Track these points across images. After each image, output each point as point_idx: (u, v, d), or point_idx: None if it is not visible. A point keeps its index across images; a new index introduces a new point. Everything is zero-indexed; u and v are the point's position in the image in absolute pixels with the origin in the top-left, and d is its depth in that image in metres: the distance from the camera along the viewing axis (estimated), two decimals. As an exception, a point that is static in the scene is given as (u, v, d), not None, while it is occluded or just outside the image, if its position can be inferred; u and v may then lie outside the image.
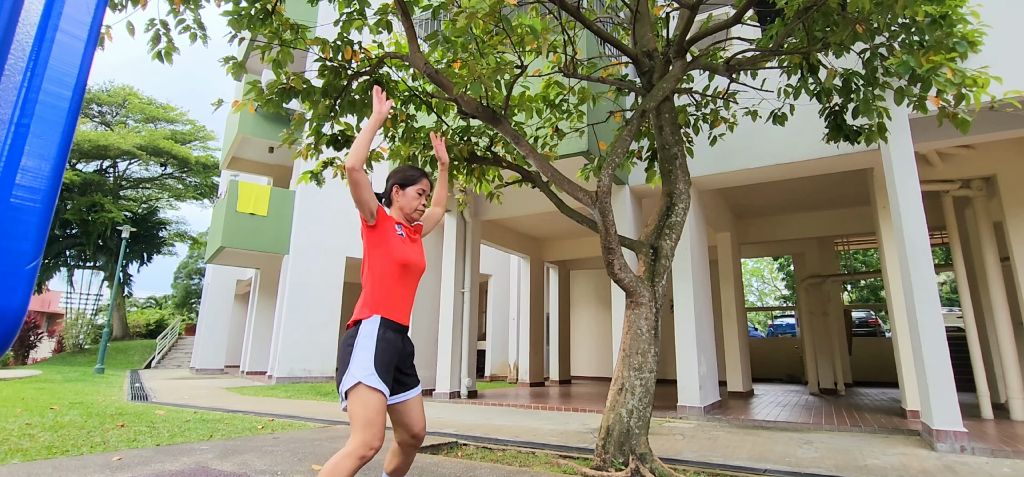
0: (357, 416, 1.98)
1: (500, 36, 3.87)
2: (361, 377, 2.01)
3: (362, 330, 2.10)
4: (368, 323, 2.12)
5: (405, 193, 2.38)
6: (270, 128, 14.26)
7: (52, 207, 0.85)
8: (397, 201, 2.39)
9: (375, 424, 1.97)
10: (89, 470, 3.29)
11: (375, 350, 2.06)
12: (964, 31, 3.27)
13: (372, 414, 1.98)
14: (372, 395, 2.00)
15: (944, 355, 4.40)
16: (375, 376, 2.02)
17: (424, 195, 2.41)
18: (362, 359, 2.04)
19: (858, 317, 16.05)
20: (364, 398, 1.99)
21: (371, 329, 2.10)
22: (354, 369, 2.03)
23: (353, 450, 1.94)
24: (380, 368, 2.04)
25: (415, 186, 2.39)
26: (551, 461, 3.86)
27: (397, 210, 2.38)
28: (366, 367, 2.02)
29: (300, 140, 4.44)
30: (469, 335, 8.98)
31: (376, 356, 2.05)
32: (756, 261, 31.81)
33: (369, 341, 2.07)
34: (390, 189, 2.41)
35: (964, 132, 3.37)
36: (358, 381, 2.01)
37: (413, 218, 2.40)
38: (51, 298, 35.30)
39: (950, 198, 6.66)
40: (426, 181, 2.42)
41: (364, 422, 1.96)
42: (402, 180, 2.40)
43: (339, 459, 1.93)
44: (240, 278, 18.38)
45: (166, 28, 4.00)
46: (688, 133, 5.03)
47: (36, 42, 0.85)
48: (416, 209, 2.38)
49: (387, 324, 2.13)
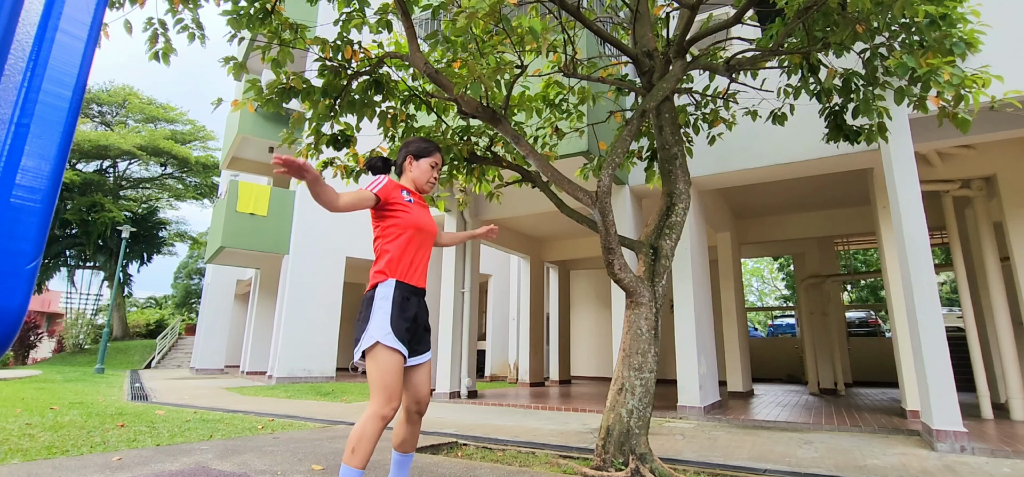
0: (374, 378, 2.05)
1: (500, 36, 3.87)
2: (379, 337, 2.07)
3: (378, 293, 2.15)
4: (384, 286, 2.16)
5: (419, 164, 2.41)
6: (270, 128, 14.26)
7: (52, 207, 0.85)
8: (410, 171, 2.41)
9: (391, 386, 2.05)
10: (89, 470, 3.29)
11: (391, 312, 2.11)
12: (963, 31, 3.27)
13: (388, 375, 2.05)
14: (390, 355, 2.07)
15: (944, 355, 4.40)
16: (392, 336, 2.08)
17: (436, 168, 2.45)
18: (380, 320, 2.09)
19: (858, 317, 16.05)
20: (382, 359, 2.06)
21: (387, 291, 2.15)
22: (372, 329, 2.09)
23: (375, 412, 2.02)
24: (397, 329, 2.09)
25: (429, 158, 2.42)
26: (551, 461, 3.86)
27: (408, 179, 2.41)
28: (383, 327, 2.08)
29: (299, 140, 4.44)
30: (469, 335, 8.98)
31: (393, 317, 2.10)
32: (756, 261, 31.81)
33: (385, 303, 2.12)
34: (403, 159, 2.44)
35: (964, 132, 3.37)
36: (376, 341, 2.06)
37: (424, 190, 2.43)
38: (51, 298, 35.30)
39: (950, 198, 6.66)
40: (439, 155, 2.46)
41: (382, 384, 2.04)
42: (417, 151, 2.43)
43: (363, 424, 2.01)
44: (240, 278, 18.38)
45: (164, 28, 3.99)
46: (688, 133, 5.03)
47: (36, 42, 0.85)
48: (428, 181, 2.42)
49: (403, 287, 2.18)
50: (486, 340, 14.69)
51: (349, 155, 4.52)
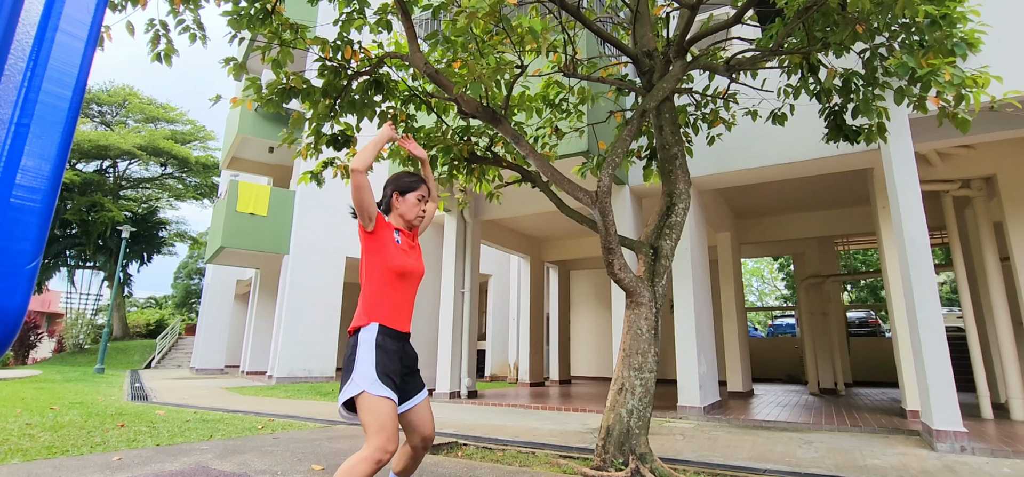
0: (369, 423, 1.98)
1: (500, 36, 3.87)
2: (365, 386, 2.01)
3: (361, 339, 2.10)
4: (366, 331, 2.11)
5: (405, 200, 2.37)
6: (270, 128, 14.26)
7: (52, 207, 0.85)
8: (397, 208, 2.37)
9: (388, 428, 1.97)
10: (89, 470, 3.29)
11: (375, 358, 2.05)
12: (963, 31, 3.27)
13: (384, 419, 1.98)
14: (380, 402, 2.00)
15: (944, 355, 4.40)
16: (379, 384, 2.02)
17: (423, 201, 2.41)
18: (364, 368, 2.04)
19: (858, 317, 16.05)
20: (372, 405, 1.99)
21: (369, 337, 2.10)
22: (357, 378, 2.03)
23: (369, 455, 1.94)
24: (383, 375, 2.04)
25: (414, 192, 2.38)
26: (551, 461, 3.86)
27: (397, 217, 2.37)
28: (368, 375, 2.02)
29: (299, 139, 4.44)
30: (469, 335, 8.98)
31: (377, 363, 2.05)
32: (756, 261, 31.81)
33: (368, 349, 2.07)
34: (389, 196, 2.40)
35: (964, 132, 3.37)
36: (362, 390, 2.01)
37: (414, 224, 2.39)
38: (51, 298, 35.30)
39: (950, 198, 6.66)
40: (424, 187, 2.42)
41: (377, 427, 1.97)
42: (401, 188, 2.39)
43: (355, 462, 1.93)
44: (240, 278, 18.37)
45: (165, 29, 3.99)
46: (688, 133, 5.03)
47: (36, 42, 0.85)
48: (417, 215, 2.38)
49: (385, 331, 2.13)
50: (486, 340, 14.68)
51: (349, 155, 4.52)
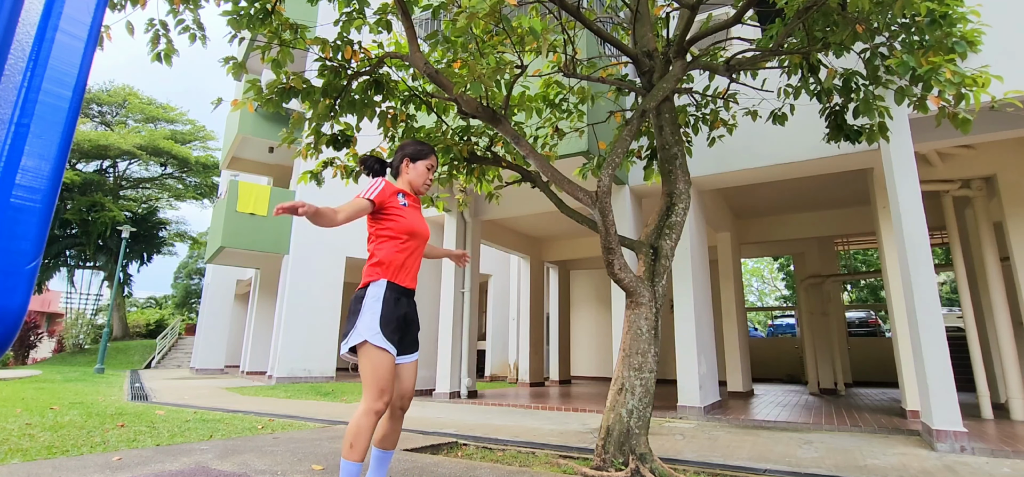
0: (366, 374, 2.13)
1: (500, 36, 3.87)
2: (367, 336, 2.14)
3: (369, 292, 2.22)
4: (375, 286, 2.23)
5: (415, 166, 2.47)
6: (270, 128, 14.26)
7: (52, 207, 0.85)
8: (406, 174, 2.48)
9: (384, 380, 2.14)
10: (89, 470, 3.29)
11: (380, 312, 2.18)
12: (963, 31, 3.27)
13: (380, 371, 2.14)
14: (379, 353, 2.14)
15: (944, 355, 4.40)
16: (380, 335, 2.15)
17: (432, 170, 2.52)
18: (368, 320, 2.17)
19: (858, 317, 16.04)
20: (371, 356, 2.14)
21: (378, 292, 2.22)
22: (360, 328, 2.16)
23: (367, 407, 2.12)
24: (386, 328, 2.17)
25: (425, 161, 2.49)
26: (551, 461, 3.86)
27: (405, 182, 2.48)
28: (372, 327, 2.15)
29: (299, 139, 4.44)
30: (469, 335, 8.98)
31: (382, 317, 2.18)
32: (756, 261, 31.80)
33: (376, 303, 2.19)
34: (400, 161, 2.50)
35: (965, 132, 3.37)
36: (364, 340, 2.14)
37: (420, 191, 2.50)
38: (51, 298, 35.29)
39: (950, 198, 6.66)
40: (434, 157, 2.53)
41: (373, 379, 2.12)
42: (413, 153, 2.49)
43: (358, 419, 2.11)
44: (240, 278, 18.37)
45: (165, 29, 4.00)
46: (688, 133, 5.03)
47: (36, 42, 0.85)
48: (425, 183, 2.49)
49: (394, 287, 2.25)
50: (486, 340, 14.68)
51: (349, 155, 4.52)
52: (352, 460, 2.10)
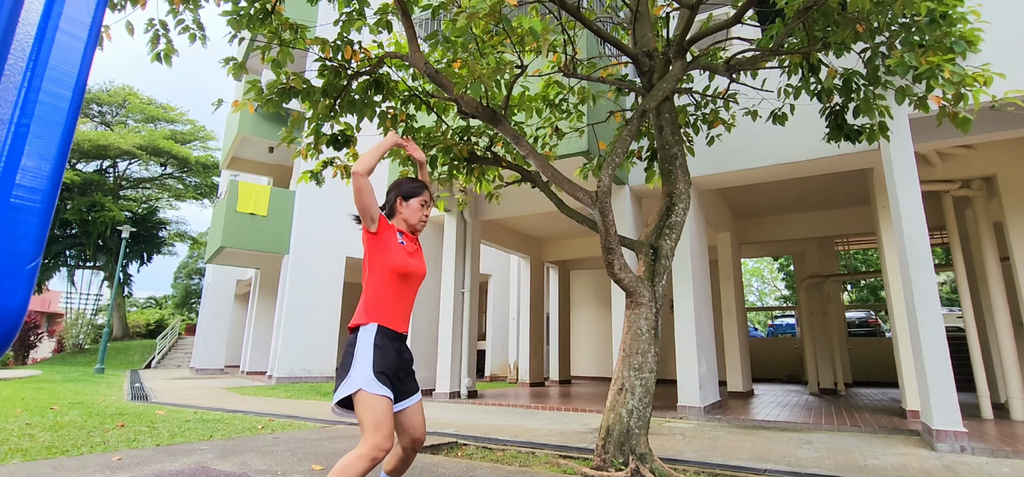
0: (366, 421, 2.02)
1: (500, 36, 3.87)
2: (362, 384, 2.05)
3: (360, 338, 2.15)
4: (365, 330, 2.16)
5: (409, 205, 2.42)
6: (270, 128, 14.26)
7: (52, 207, 0.85)
8: (401, 212, 2.42)
9: (384, 426, 2.02)
10: (89, 470, 3.29)
11: (373, 357, 2.10)
12: (963, 30, 3.27)
13: (380, 417, 2.02)
14: (377, 400, 2.04)
15: (944, 355, 4.40)
16: (375, 382, 2.06)
17: (426, 206, 2.46)
18: (362, 366, 2.08)
19: (858, 317, 16.04)
20: (369, 403, 2.04)
21: (368, 337, 2.14)
22: (354, 376, 2.07)
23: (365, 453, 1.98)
24: (380, 374, 2.08)
25: (417, 197, 2.43)
26: (551, 461, 3.86)
27: (401, 221, 2.42)
28: (366, 373, 2.07)
29: (299, 139, 4.44)
30: (469, 335, 8.98)
31: (375, 363, 2.09)
32: (756, 261, 31.80)
33: (367, 348, 2.11)
34: (393, 201, 2.45)
35: (965, 132, 3.37)
36: (359, 388, 2.05)
37: (417, 229, 2.44)
38: (51, 298, 35.29)
39: (950, 198, 6.66)
40: (428, 192, 2.47)
41: (373, 426, 2.01)
42: (406, 193, 2.44)
43: (351, 460, 1.97)
44: (240, 278, 18.37)
45: (165, 29, 3.99)
46: (688, 133, 5.03)
47: (36, 42, 0.85)
48: (420, 220, 2.43)
49: (384, 332, 2.17)
50: (486, 340, 14.68)
51: (349, 155, 4.52)
52: None
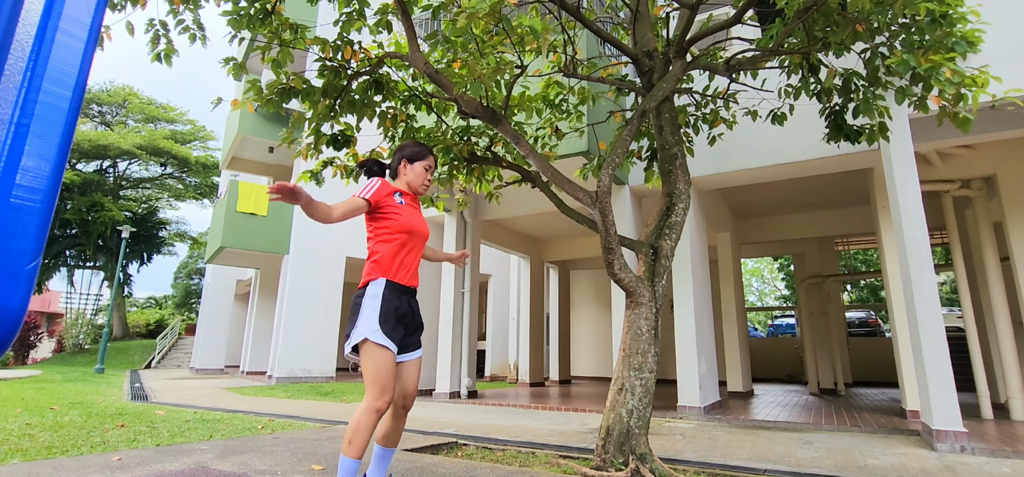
0: (368, 372, 2.15)
1: (500, 36, 3.87)
2: (367, 334, 2.17)
3: (369, 291, 2.25)
4: (375, 284, 2.26)
5: (413, 167, 2.50)
6: (270, 128, 14.26)
7: (52, 207, 0.85)
8: (404, 174, 2.50)
9: (385, 378, 2.15)
10: (89, 470, 3.29)
11: (380, 309, 2.20)
12: (964, 31, 3.27)
13: (382, 370, 2.15)
14: (379, 351, 2.16)
15: (944, 355, 4.40)
16: (380, 333, 2.17)
17: (430, 170, 2.54)
18: (368, 317, 2.19)
19: (858, 317, 16.04)
20: (372, 354, 2.16)
21: (377, 290, 2.24)
22: (361, 326, 2.19)
23: (368, 405, 2.13)
24: (385, 326, 2.19)
25: (422, 161, 2.51)
26: (551, 461, 3.86)
27: (403, 182, 2.50)
28: (371, 324, 2.18)
29: (299, 139, 4.44)
30: (469, 335, 8.98)
31: (381, 315, 2.20)
32: (756, 261, 31.80)
33: (375, 301, 2.22)
34: (398, 162, 2.53)
35: (965, 132, 3.37)
36: (364, 338, 2.16)
37: (419, 192, 2.53)
38: (51, 298, 35.29)
39: (950, 198, 6.66)
40: (432, 158, 2.56)
41: (375, 377, 2.14)
42: (411, 155, 2.52)
43: (359, 417, 2.13)
44: (240, 278, 18.37)
45: (165, 29, 4.00)
46: (688, 133, 5.03)
47: (36, 42, 0.85)
48: (423, 183, 2.52)
49: (393, 286, 2.27)
50: (486, 340, 14.68)
51: (349, 155, 4.52)
52: (350, 457, 2.12)
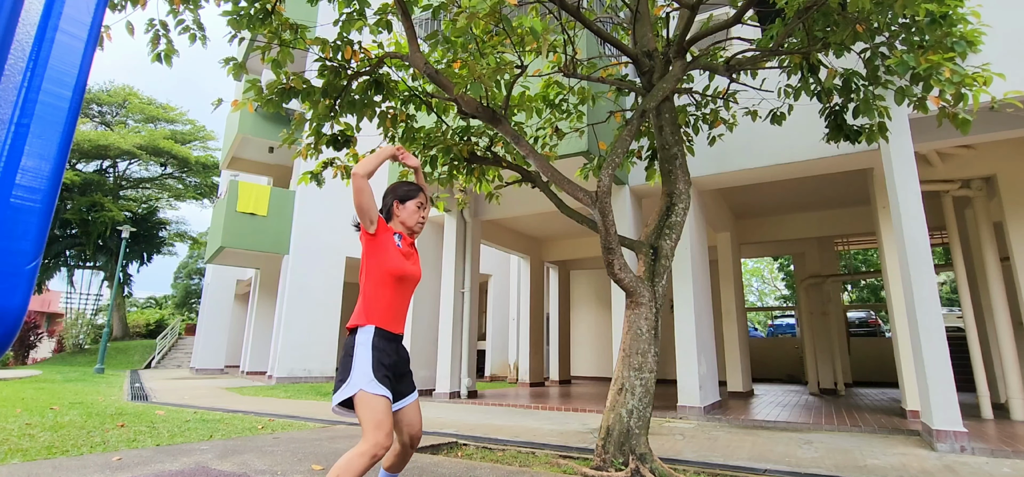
0: (366, 420, 2.08)
1: (500, 36, 3.87)
2: (362, 385, 2.11)
3: (358, 339, 2.21)
4: (363, 332, 2.22)
5: (405, 207, 2.46)
6: (270, 128, 14.26)
7: (52, 207, 0.85)
8: (398, 215, 2.46)
9: (384, 425, 2.08)
10: (89, 470, 3.29)
11: (372, 358, 2.16)
12: (963, 31, 3.27)
13: (380, 416, 2.08)
14: (376, 399, 2.11)
15: (944, 355, 4.40)
16: (375, 382, 2.12)
17: (423, 208, 2.50)
18: (362, 367, 2.14)
19: (858, 317, 16.04)
20: (369, 403, 2.10)
21: (366, 338, 2.20)
22: (355, 377, 2.13)
23: (365, 450, 2.04)
24: (378, 373, 2.14)
25: (414, 200, 2.47)
26: (551, 461, 3.86)
27: (398, 224, 2.46)
28: (366, 374, 2.13)
29: (300, 140, 4.44)
30: (469, 335, 8.98)
31: (374, 363, 2.15)
32: (756, 261, 31.80)
33: (365, 350, 2.17)
34: (390, 205, 2.49)
35: (965, 132, 3.37)
36: (360, 389, 2.11)
37: (415, 231, 2.48)
38: (51, 298, 35.28)
39: (950, 198, 6.66)
40: (424, 194, 2.52)
41: (374, 425, 2.07)
42: (402, 196, 2.48)
43: (351, 458, 2.03)
44: (240, 278, 18.37)
45: (165, 29, 3.99)
46: (688, 133, 5.03)
47: (36, 42, 0.85)
48: (418, 222, 2.47)
49: (381, 333, 2.23)
50: (486, 340, 14.68)
51: (349, 155, 4.52)
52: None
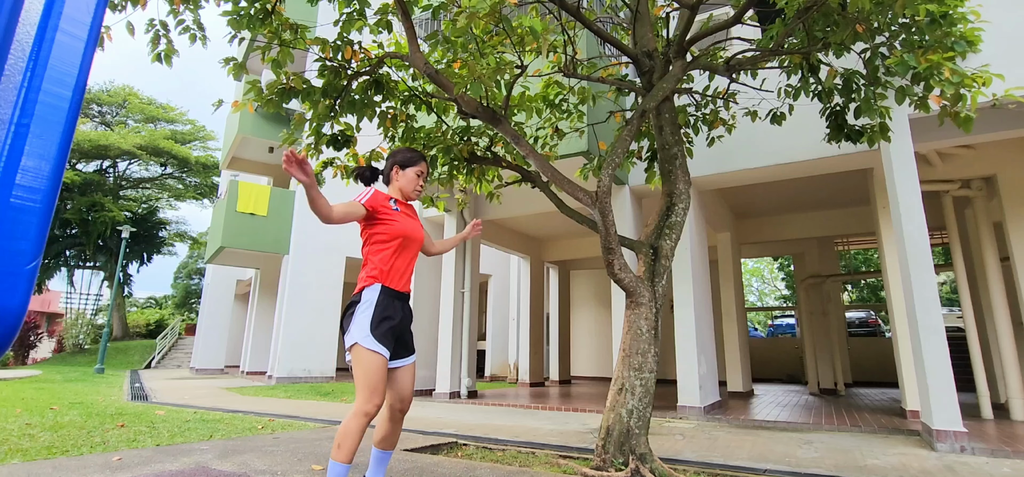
0: (359, 377, 2.18)
1: (500, 36, 3.87)
2: (359, 339, 2.19)
3: (363, 297, 2.28)
4: (369, 291, 2.29)
5: (405, 173, 2.52)
6: (270, 128, 14.26)
7: (52, 207, 0.85)
8: (396, 180, 2.53)
9: (375, 382, 2.18)
10: (89, 470, 3.29)
11: (373, 315, 2.23)
12: (963, 30, 3.27)
13: (371, 374, 2.18)
14: (370, 356, 2.19)
15: (944, 355, 4.40)
16: (371, 338, 2.20)
17: (421, 176, 2.56)
18: (361, 323, 2.22)
19: (858, 317, 16.04)
20: (364, 359, 2.18)
21: (371, 296, 2.27)
22: (353, 330, 2.22)
23: (358, 409, 2.16)
24: (377, 331, 2.21)
25: (414, 168, 2.53)
26: (551, 461, 3.86)
27: (396, 188, 2.52)
28: (363, 329, 2.20)
29: (300, 140, 4.44)
30: (469, 335, 8.98)
31: (374, 320, 2.22)
32: (756, 261, 31.80)
33: (368, 307, 2.25)
34: (390, 169, 2.56)
35: (967, 131, 3.37)
36: (355, 342, 2.19)
37: (411, 197, 2.55)
38: (51, 298, 35.28)
39: (950, 198, 6.65)
40: (424, 164, 2.58)
41: (365, 382, 2.17)
42: (402, 161, 2.54)
43: (348, 421, 2.16)
44: (240, 278, 18.36)
45: (165, 29, 4.00)
46: (688, 133, 5.03)
47: (36, 42, 0.85)
48: (415, 189, 2.54)
49: (387, 292, 2.30)
50: (486, 340, 14.68)
51: (349, 155, 4.52)
52: (340, 461, 2.14)
